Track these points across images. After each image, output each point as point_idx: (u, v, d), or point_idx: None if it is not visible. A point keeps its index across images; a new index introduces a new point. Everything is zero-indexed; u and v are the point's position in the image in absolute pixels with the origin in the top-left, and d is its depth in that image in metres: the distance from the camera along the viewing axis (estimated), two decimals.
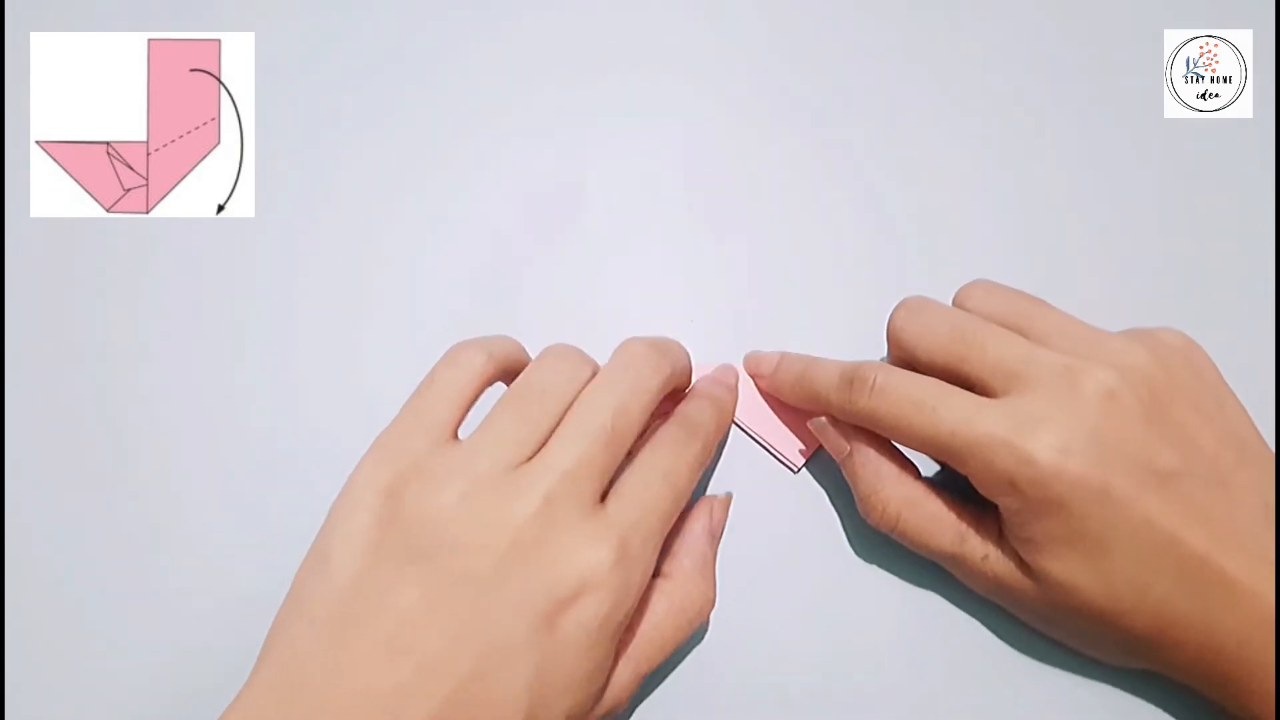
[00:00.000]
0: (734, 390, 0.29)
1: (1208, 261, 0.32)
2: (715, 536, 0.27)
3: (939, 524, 0.26)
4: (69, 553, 0.29)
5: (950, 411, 0.24)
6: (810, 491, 0.30)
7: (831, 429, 0.27)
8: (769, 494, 0.30)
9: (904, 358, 0.27)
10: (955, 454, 0.24)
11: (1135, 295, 0.32)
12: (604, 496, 0.23)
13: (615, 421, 0.23)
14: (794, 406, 0.29)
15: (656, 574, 0.25)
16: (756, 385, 0.30)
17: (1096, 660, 0.26)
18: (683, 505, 0.24)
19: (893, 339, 0.27)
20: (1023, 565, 0.24)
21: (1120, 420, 0.23)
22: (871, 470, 0.26)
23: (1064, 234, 0.33)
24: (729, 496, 0.28)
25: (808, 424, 0.28)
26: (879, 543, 0.28)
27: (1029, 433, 0.23)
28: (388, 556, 0.21)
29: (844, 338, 0.31)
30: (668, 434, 0.25)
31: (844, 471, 0.28)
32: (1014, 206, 0.33)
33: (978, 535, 0.25)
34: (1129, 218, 0.33)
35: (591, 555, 0.21)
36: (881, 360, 0.28)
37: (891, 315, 0.27)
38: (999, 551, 0.25)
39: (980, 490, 0.24)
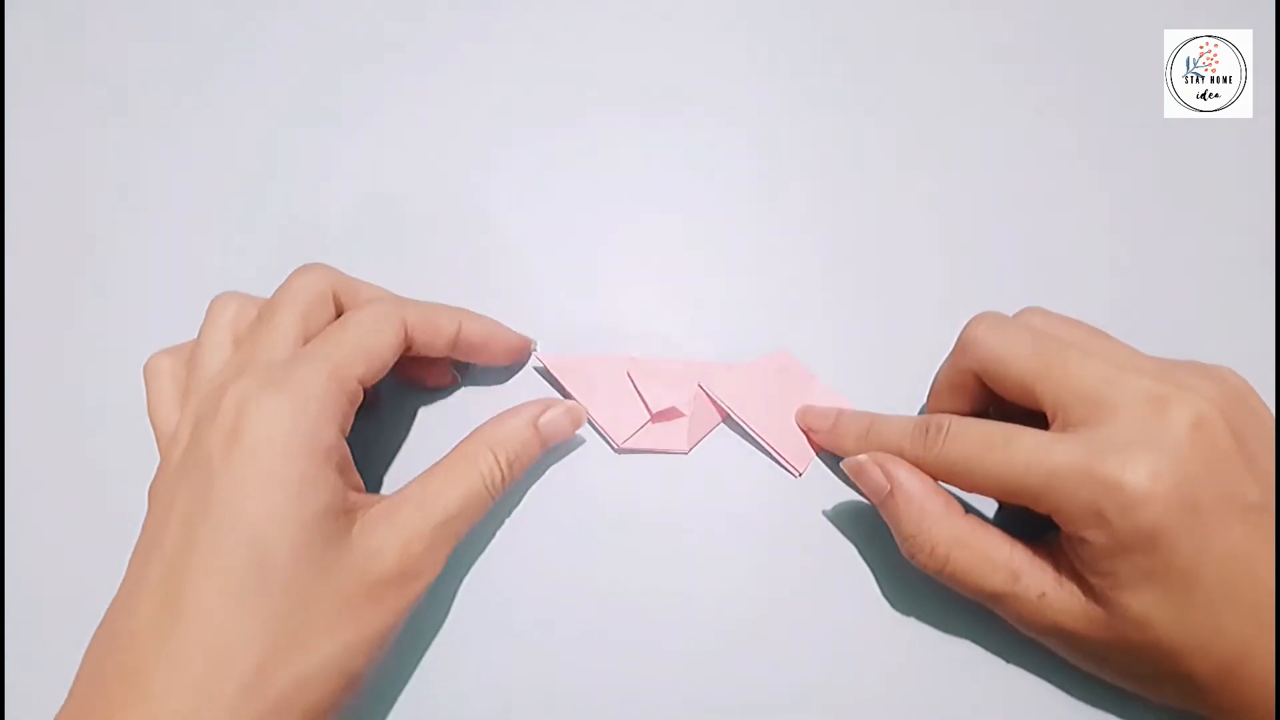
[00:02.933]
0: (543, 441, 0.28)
1: (1208, 261, 0.32)
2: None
3: (990, 564, 0.24)
4: (70, 551, 0.29)
5: (1022, 446, 0.23)
6: (809, 499, 0.29)
7: (871, 467, 0.26)
8: (768, 504, 0.29)
9: (975, 368, 0.26)
10: (1032, 490, 0.23)
11: (1135, 295, 0.32)
12: None
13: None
14: (794, 406, 0.29)
15: None
16: (809, 438, 0.30)
17: (1143, 699, 0.25)
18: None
19: (968, 349, 0.26)
20: (1092, 602, 0.23)
21: (1208, 450, 0.22)
22: (916, 509, 0.25)
23: (1063, 234, 0.33)
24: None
25: (841, 464, 0.27)
26: (879, 551, 0.28)
27: (1115, 459, 0.22)
28: None
29: (840, 333, 0.31)
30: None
31: (883, 513, 0.26)
32: (1013, 206, 0.33)
33: (1032, 573, 0.24)
34: (1129, 218, 0.33)
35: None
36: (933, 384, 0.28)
37: (969, 326, 0.26)
38: (1058, 590, 0.24)
39: (1064, 526, 0.23)
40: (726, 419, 0.30)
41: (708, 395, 0.30)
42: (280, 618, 0.22)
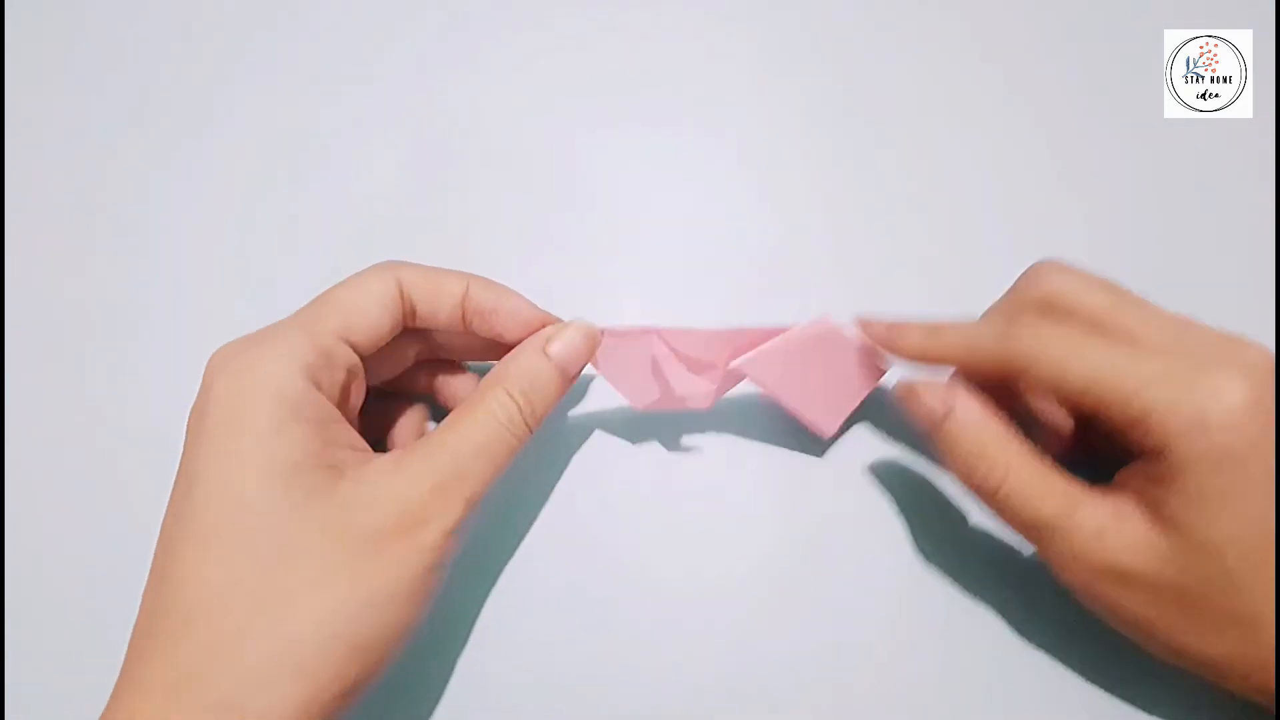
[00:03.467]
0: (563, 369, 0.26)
1: (1208, 262, 0.32)
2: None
3: (1049, 488, 0.23)
4: (69, 548, 0.29)
5: (1118, 352, 0.23)
6: (824, 486, 0.30)
7: (928, 389, 0.25)
8: (784, 490, 0.30)
9: (1039, 302, 0.25)
10: (1125, 390, 0.22)
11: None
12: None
13: None
14: (830, 373, 0.27)
15: None
16: (861, 363, 0.28)
17: (1182, 668, 0.24)
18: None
19: (1034, 283, 0.25)
20: (1158, 531, 0.22)
21: (1273, 395, 0.22)
22: (975, 429, 0.24)
23: (1063, 233, 0.33)
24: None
25: (895, 387, 0.26)
26: (892, 542, 0.28)
27: (1221, 373, 0.21)
28: None
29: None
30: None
31: (936, 439, 0.25)
32: (1013, 206, 0.33)
33: (1091, 504, 0.23)
34: (1129, 218, 0.33)
35: None
36: None
37: (1034, 266, 0.25)
38: (1118, 524, 0.22)
39: (1153, 433, 0.22)
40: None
41: (743, 373, 0.27)
42: (259, 575, 0.20)
